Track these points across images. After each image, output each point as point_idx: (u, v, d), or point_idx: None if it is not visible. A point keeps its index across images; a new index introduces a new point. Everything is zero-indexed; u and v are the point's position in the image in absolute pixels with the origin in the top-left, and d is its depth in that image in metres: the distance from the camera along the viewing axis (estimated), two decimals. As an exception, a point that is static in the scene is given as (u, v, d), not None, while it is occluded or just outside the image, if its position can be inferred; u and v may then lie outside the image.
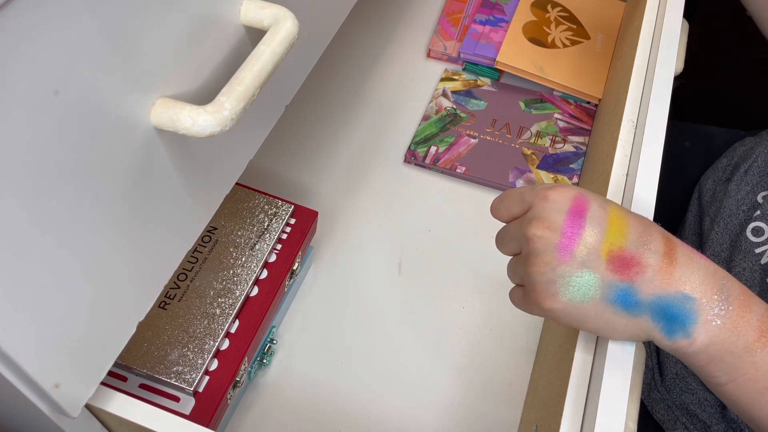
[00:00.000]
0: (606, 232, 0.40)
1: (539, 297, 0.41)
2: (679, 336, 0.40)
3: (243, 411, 0.65)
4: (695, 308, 0.39)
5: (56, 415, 0.37)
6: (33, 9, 0.26)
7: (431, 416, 0.66)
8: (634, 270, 0.39)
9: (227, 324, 0.59)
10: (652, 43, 0.64)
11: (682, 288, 0.39)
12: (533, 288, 0.41)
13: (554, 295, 0.40)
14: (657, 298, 0.40)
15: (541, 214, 0.41)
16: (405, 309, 0.72)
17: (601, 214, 0.41)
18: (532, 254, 0.41)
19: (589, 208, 0.41)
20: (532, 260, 0.41)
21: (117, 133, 0.33)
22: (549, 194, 0.41)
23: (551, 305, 0.41)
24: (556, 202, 0.41)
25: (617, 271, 0.39)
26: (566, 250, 0.40)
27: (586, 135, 0.87)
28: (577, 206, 0.41)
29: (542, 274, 0.40)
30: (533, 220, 0.41)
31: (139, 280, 0.39)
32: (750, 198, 0.72)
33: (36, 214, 0.29)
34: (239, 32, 0.40)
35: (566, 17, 0.97)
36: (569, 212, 0.40)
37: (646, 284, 0.39)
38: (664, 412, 0.69)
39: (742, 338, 0.39)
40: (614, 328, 0.41)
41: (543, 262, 0.40)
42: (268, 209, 0.67)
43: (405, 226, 0.79)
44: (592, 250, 0.40)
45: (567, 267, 0.40)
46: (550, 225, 0.40)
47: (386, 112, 0.89)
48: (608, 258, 0.39)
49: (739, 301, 0.40)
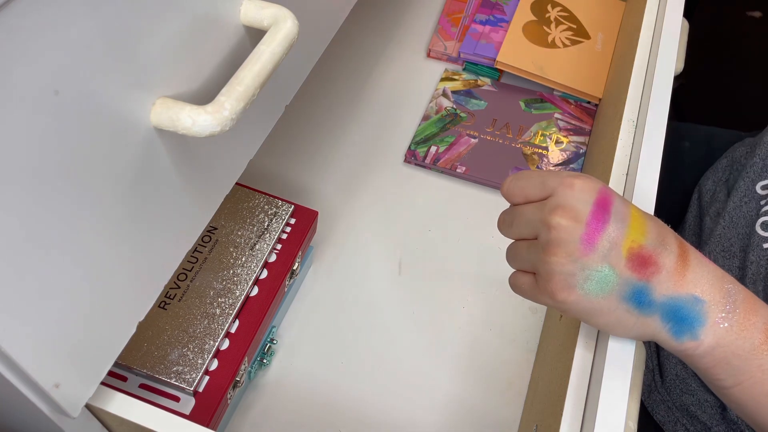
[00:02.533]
0: (628, 229, 0.39)
1: (555, 287, 0.40)
2: (687, 337, 0.40)
3: (243, 411, 0.65)
4: (704, 310, 0.39)
5: (56, 415, 0.37)
6: (33, 9, 0.26)
7: (431, 416, 0.66)
8: (651, 269, 0.39)
9: (227, 324, 0.59)
10: (652, 43, 0.64)
11: (693, 290, 0.39)
12: (550, 277, 0.40)
13: (571, 287, 0.39)
14: (669, 299, 0.39)
15: (567, 203, 0.39)
16: (405, 309, 0.72)
17: (625, 210, 0.40)
18: (553, 243, 0.39)
19: (613, 203, 0.40)
20: (553, 249, 0.39)
21: (117, 133, 0.33)
22: (576, 182, 0.40)
23: (566, 297, 0.40)
24: (583, 191, 0.40)
25: (635, 269, 0.39)
26: (590, 243, 0.39)
27: (586, 135, 0.87)
28: (602, 199, 0.40)
29: (562, 265, 0.39)
30: (557, 207, 0.39)
31: (139, 280, 0.39)
32: (750, 189, 0.72)
33: (36, 214, 0.29)
34: (239, 32, 0.40)
35: (566, 17, 0.97)
36: (595, 204, 0.39)
37: (661, 285, 0.39)
38: (664, 414, 0.69)
39: (748, 341, 0.39)
40: (623, 326, 0.41)
41: (565, 253, 0.39)
42: (268, 209, 0.67)
43: (405, 226, 0.79)
44: (614, 245, 0.39)
45: (588, 260, 0.39)
46: (576, 215, 0.39)
47: (386, 112, 0.89)
48: (628, 255, 0.39)
49: (745, 305, 0.40)
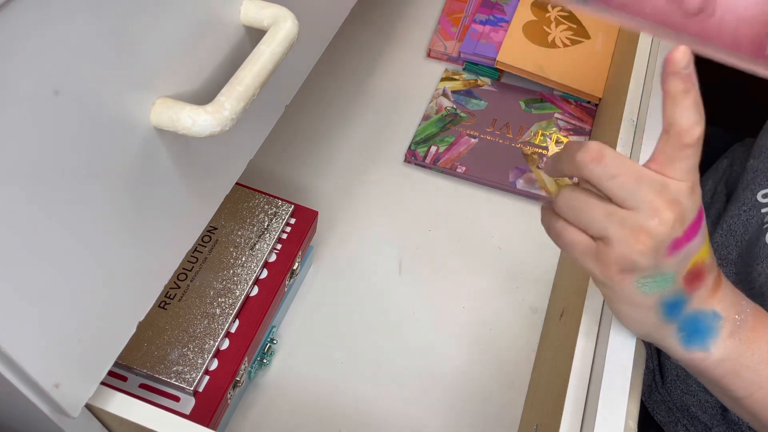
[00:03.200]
0: (703, 246, 0.40)
1: (620, 266, 0.39)
2: (696, 348, 0.41)
3: (243, 411, 0.65)
4: (719, 325, 0.41)
5: (56, 415, 0.37)
6: (33, 9, 0.26)
7: (431, 416, 0.66)
8: (698, 285, 0.40)
9: (227, 324, 0.59)
10: (652, 43, 0.64)
11: (717, 306, 0.41)
12: (622, 256, 0.39)
13: (632, 272, 0.39)
14: (694, 312, 0.41)
15: (687, 204, 0.39)
16: (405, 309, 0.72)
17: (706, 231, 0.41)
18: (648, 229, 0.38)
19: (704, 218, 0.41)
20: (645, 236, 0.38)
21: (117, 133, 0.33)
22: (694, 192, 0.40)
23: (621, 278, 0.39)
24: (696, 199, 0.40)
25: (688, 283, 0.40)
26: (677, 248, 0.39)
27: (587, 135, 0.87)
28: (702, 212, 0.41)
29: (642, 253, 0.38)
30: (674, 202, 0.39)
31: (139, 280, 0.39)
32: (749, 198, 0.72)
33: (35, 214, 0.29)
34: (239, 32, 0.40)
35: (566, 17, 0.97)
36: (699, 214, 0.40)
37: (697, 299, 0.41)
38: (665, 414, 0.69)
39: (757, 353, 0.40)
40: (641, 322, 0.41)
41: (654, 245, 0.38)
42: (268, 209, 0.67)
43: (405, 226, 0.79)
44: (688, 256, 0.40)
45: (666, 262, 0.39)
46: (683, 218, 0.39)
47: (386, 112, 0.89)
48: (691, 268, 0.40)
49: (753, 318, 0.41)
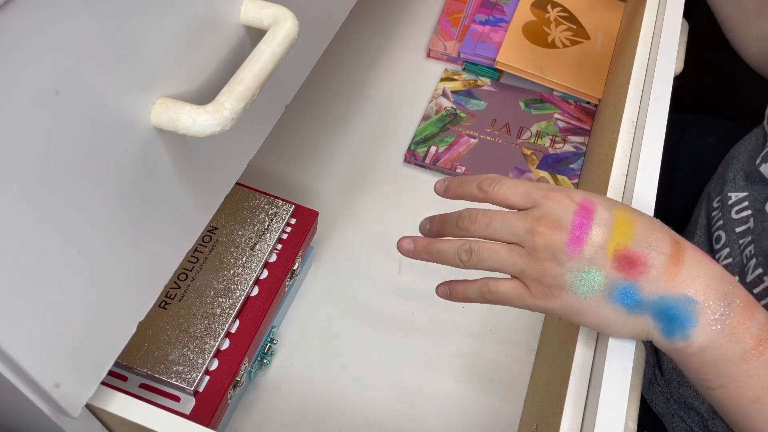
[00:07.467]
0: (612, 233, 0.41)
1: (546, 289, 0.42)
2: (678, 338, 0.40)
3: (243, 411, 0.65)
4: (696, 311, 0.40)
5: (57, 415, 0.38)
6: (33, 9, 0.26)
7: (431, 416, 0.66)
8: (639, 269, 0.40)
9: (227, 324, 0.59)
10: (652, 43, 0.64)
11: (686, 290, 0.40)
12: (540, 279, 0.42)
13: (561, 287, 0.42)
14: (659, 299, 0.40)
15: (551, 213, 0.42)
16: (405, 309, 0.72)
17: (608, 216, 0.42)
18: (540, 249, 0.42)
19: (595, 210, 0.42)
20: (542, 254, 0.42)
21: (117, 133, 0.33)
22: (555, 195, 0.43)
23: (556, 297, 0.42)
24: (563, 202, 0.42)
25: (622, 270, 0.40)
26: (575, 247, 0.41)
27: (586, 135, 0.87)
28: (583, 208, 0.42)
29: (552, 268, 0.42)
30: (542, 217, 0.42)
31: (140, 280, 0.39)
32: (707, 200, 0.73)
33: (35, 215, 0.29)
34: (239, 32, 0.40)
35: (566, 17, 0.97)
36: (576, 213, 0.42)
37: (650, 284, 0.40)
38: (663, 406, 0.69)
39: (739, 345, 0.39)
40: (614, 325, 0.42)
41: (553, 258, 0.41)
42: (268, 209, 0.67)
43: (405, 226, 0.79)
44: (599, 248, 0.41)
45: (575, 263, 0.41)
46: (559, 224, 0.42)
47: (386, 112, 0.89)
48: (614, 256, 0.41)
49: (741, 308, 0.40)
